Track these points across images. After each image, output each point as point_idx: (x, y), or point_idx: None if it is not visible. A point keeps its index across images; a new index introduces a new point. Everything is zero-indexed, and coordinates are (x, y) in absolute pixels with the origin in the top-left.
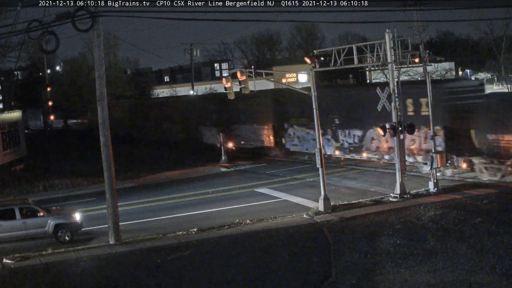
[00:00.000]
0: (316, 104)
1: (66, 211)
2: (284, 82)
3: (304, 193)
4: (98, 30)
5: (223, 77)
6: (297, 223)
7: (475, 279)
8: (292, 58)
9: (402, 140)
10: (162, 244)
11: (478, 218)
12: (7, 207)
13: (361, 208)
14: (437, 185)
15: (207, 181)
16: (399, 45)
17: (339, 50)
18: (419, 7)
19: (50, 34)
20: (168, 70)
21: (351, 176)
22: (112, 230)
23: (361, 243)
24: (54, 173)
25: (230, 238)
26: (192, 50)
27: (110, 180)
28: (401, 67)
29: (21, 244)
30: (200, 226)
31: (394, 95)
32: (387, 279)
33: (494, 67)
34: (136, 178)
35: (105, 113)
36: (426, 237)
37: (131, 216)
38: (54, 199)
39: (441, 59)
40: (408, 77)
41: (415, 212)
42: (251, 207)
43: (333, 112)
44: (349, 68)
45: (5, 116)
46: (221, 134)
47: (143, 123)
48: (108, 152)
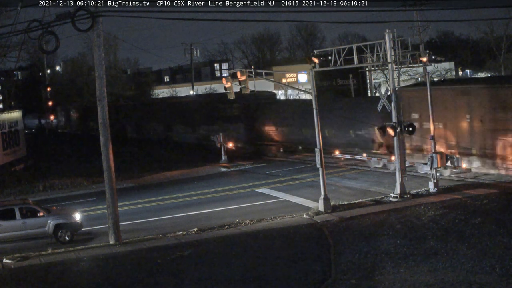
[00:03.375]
0: (316, 104)
1: (66, 211)
2: (284, 82)
3: (304, 193)
4: (98, 30)
5: (223, 77)
6: (297, 223)
7: (475, 279)
8: (292, 58)
9: (402, 140)
10: (162, 244)
11: (478, 218)
12: (7, 207)
13: (361, 208)
14: (437, 185)
15: (207, 181)
16: (399, 45)
17: (339, 50)
18: (419, 7)
19: (50, 34)
20: (168, 70)
21: (351, 176)
22: (112, 230)
23: (361, 243)
24: (54, 173)
25: (230, 238)
26: (192, 50)
27: (110, 180)
28: (401, 67)
29: (21, 244)
30: (200, 226)
31: (394, 95)
32: (387, 279)
33: (494, 67)
34: (136, 178)
35: (105, 113)
36: (426, 237)
37: (131, 216)
38: (54, 199)
39: (441, 59)
40: (408, 77)
41: (415, 212)
42: (251, 207)
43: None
44: (349, 68)
45: (5, 116)
46: (221, 134)
47: (145, 123)
48: (108, 152)
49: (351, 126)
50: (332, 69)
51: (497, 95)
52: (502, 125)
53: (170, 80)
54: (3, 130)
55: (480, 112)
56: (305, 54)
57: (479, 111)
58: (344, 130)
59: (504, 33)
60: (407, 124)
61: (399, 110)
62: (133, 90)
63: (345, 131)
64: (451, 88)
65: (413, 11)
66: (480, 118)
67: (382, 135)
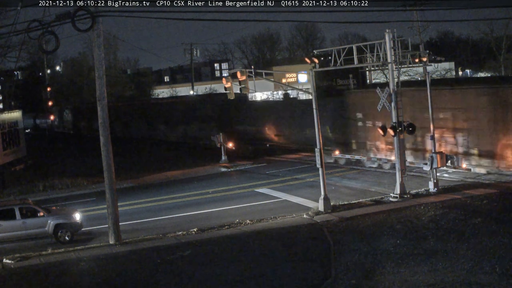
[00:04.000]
0: (316, 104)
1: (66, 211)
2: (284, 82)
3: (304, 193)
4: (98, 30)
5: (223, 77)
6: (297, 223)
7: (475, 279)
8: (292, 58)
9: (402, 140)
10: (162, 244)
11: (478, 218)
12: (7, 207)
13: (361, 208)
14: (437, 185)
15: (207, 181)
16: (399, 45)
17: (339, 50)
18: (419, 7)
19: (50, 34)
20: (168, 70)
21: (351, 176)
22: (112, 230)
23: (361, 243)
24: (54, 173)
25: (230, 238)
26: (192, 50)
27: (110, 180)
28: (401, 67)
29: (21, 244)
30: (200, 226)
31: (394, 95)
32: (387, 279)
33: (494, 67)
34: (136, 178)
35: (105, 113)
36: (426, 237)
37: (131, 216)
38: (54, 199)
39: (441, 59)
40: (408, 77)
41: (415, 212)
42: (251, 207)
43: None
44: (349, 68)
45: (5, 116)
46: (221, 134)
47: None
48: (108, 152)
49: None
50: (332, 69)
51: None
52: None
53: (170, 80)
54: (3, 130)
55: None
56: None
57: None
58: (300, 129)
59: (504, 33)
60: (408, 124)
61: (399, 110)
62: (133, 90)
63: (301, 130)
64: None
65: (413, 11)
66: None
67: (382, 134)
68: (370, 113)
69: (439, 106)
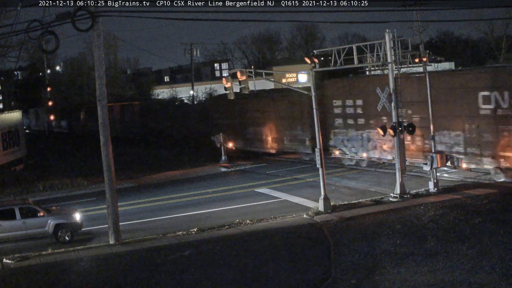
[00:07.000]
0: (316, 104)
1: (66, 211)
2: (284, 82)
3: (304, 193)
4: (98, 30)
5: (223, 77)
6: (297, 223)
7: (475, 279)
8: (292, 58)
9: (402, 140)
10: (162, 244)
11: (478, 218)
12: (7, 207)
13: (361, 208)
14: (437, 185)
15: (207, 181)
16: (399, 45)
17: (339, 50)
18: (419, 7)
19: (50, 34)
20: (168, 70)
21: (351, 176)
22: (112, 230)
23: (361, 243)
24: (54, 173)
25: (230, 238)
26: (192, 50)
27: (110, 180)
28: (401, 67)
29: (21, 244)
30: (200, 226)
31: (394, 94)
32: (387, 279)
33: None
34: (136, 178)
35: (105, 113)
36: (426, 237)
37: (131, 216)
38: (54, 199)
39: (441, 59)
40: None
41: (415, 212)
42: (251, 207)
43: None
44: (349, 68)
45: (5, 116)
46: (221, 134)
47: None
48: (108, 152)
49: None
50: (332, 69)
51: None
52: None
53: (170, 80)
54: (3, 130)
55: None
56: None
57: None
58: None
59: (504, 33)
60: (408, 124)
61: (399, 110)
62: (133, 90)
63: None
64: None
65: (413, 11)
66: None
67: (382, 134)
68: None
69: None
